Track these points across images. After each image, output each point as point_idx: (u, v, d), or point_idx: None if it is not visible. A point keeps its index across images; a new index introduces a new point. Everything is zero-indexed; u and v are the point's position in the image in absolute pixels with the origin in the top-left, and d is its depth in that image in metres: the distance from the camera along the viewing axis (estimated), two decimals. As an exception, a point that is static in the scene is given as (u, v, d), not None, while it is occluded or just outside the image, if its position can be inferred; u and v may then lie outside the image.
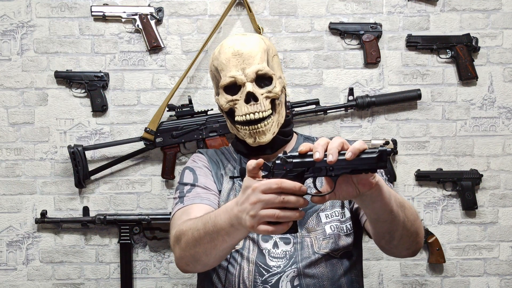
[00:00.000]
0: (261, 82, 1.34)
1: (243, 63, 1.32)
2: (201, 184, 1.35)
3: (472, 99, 1.97)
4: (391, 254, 1.27)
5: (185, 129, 1.90)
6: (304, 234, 1.29)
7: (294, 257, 1.26)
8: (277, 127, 1.37)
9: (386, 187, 1.06)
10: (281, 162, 0.99)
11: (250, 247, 1.28)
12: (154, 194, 1.96)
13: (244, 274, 1.26)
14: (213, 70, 1.40)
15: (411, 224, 1.14)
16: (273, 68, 1.37)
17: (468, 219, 1.97)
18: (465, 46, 1.93)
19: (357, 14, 1.97)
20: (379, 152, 0.96)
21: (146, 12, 1.93)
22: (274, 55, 1.41)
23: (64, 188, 1.96)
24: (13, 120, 1.95)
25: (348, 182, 1.02)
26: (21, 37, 1.95)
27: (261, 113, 1.33)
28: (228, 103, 1.36)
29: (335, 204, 1.33)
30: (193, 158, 1.47)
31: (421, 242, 1.22)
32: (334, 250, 1.28)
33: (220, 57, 1.35)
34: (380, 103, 1.92)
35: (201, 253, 1.14)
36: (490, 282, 1.97)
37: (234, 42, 1.35)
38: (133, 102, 1.96)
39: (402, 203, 1.12)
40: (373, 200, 1.05)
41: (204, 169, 1.41)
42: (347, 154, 0.95)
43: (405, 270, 1.97)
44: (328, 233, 1.29)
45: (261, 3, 1.96)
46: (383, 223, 1.11)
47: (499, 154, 1.97)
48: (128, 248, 1.92)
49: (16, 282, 1.95)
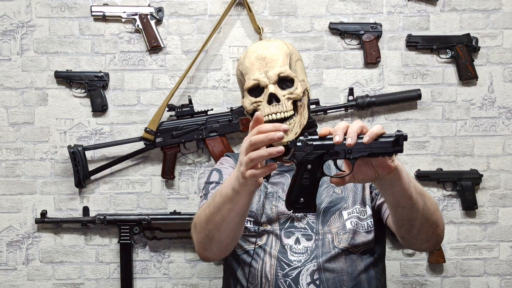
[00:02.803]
0: (283, 84, 1.41)
1: (266, 66, 1.40)
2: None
3: (472, 99, 1.97)
4: (411, 246, 1.29)
5: (185, 129, 1.90)
6: (326, 231, 1.32)
7: (315, 253, 1.29)
8: (299, 128, 1.41)
9: (405, 172, 1.09)
10: (302, 144, 1.04)
11: (273, 243, 1.32)
12: (154, 194, 1.96)
13: (266, 268, 1.29)
14: (239, 74, 1.48)
15: (431, 214, 1.16)
16: (296, 72, 1.43)
17: (468, 219, 1.97)
18: (465, 46, 1.93)
19: (357, 14, 1.97)
20: (396, 136, 1.00)
21: (146, 12, 1.93)
22: (298, 59, 1.47)
23: (64, 188, 1.96)
24: (13, 120, 1.95)
25: (367, 165, 1.05)
26: (21, 37, 1.95)
27: (283, 113, 1.38)
28: (252, 104, 1.42)
29: (356, 202, 1.36)
30: (221, 161, 1.53)
31: (441, 234, 1.24)
32: (354, 246, 1.30)
33: (244, 62, 1.44)
34: (380, 103, 1.92)
35: (213, 230, 1.17)
36: (490, 282, 1.97)
37: (257, 47, 1.44)
38: (133, 102, 1.96)
39: (421, 192, 1.14)
40: (392, 184, 1.07)
41: (230, 169, 1.46)
42: (365, 138, 0.99)
43: (405, 270, 1.97)
44: (348, 228, 1.32)
45: (261, 3, 1.96)
46: (402, 209, 1.13)
47: (499, 154, 1.97)
48: (128, 248, 1.92)
49: (16, 282, 1.95)
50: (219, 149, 1.89)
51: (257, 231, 1.33)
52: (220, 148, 1.89)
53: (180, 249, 1.96)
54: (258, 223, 1.34)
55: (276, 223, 1.34)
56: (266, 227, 1.34)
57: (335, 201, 1.35)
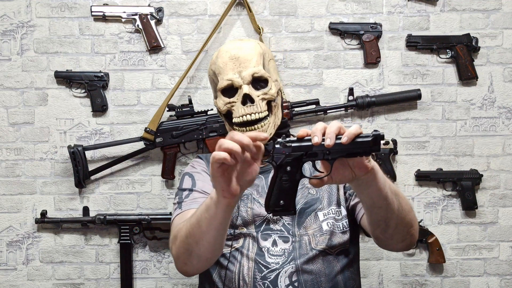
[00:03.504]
0: (257, 84, 1.39)
1: (240, 66, 1.37)
2: (198, 189, 1.38)
3: (472, 99, 1.97)
4: (386, 247, 1.28)
5: (185, 129, 1.90)
6: (302, 233, 1.32)
7: (292, 255, 1.29)
8: (274, 129, 1.40)
9: (381, 173, 1.09)
10: (280, 146, 1.04)
11: (250, 246, 1.31)
12: (154, 194, 1.96)
13: (244, 271, 1.29)
14: (211, 74, 1.45)
15: (405, 214, 1.17)
16: (269, 72, 1.41)
17: (468, 219, 1.97)
18: (465, 46, 1.93)
19: (357, 14, 1.97)
20: (373, 136, 1.01)
21: (146, 12, 1.93)
22: (270, 59, 1.45)
23: (64, 188, 1.96)
24: (13, 120, 1.95)
25: (345, 166, 1.05)
26: (21, 37, 1.95)
27: (257, 114, 1.36)
28: (225, 105, 1.40)
29: (331, 203, 1.36)
30: (192, 164, 1.50)
31: (415, 235, 1.23)
32: (331, 247, 1.31)
33: (217, 62, 1.40)
34: (380, 103, 1.92)
35: (192, 243, 1.16)
36: (490, 282, 1.97)
37: (230, 46, 1.41)
38: (133, 102, 1.96)
39: (396, 192, 1.14)
40: (368, 184, 1.08)
41: (203, 174, 1.43)
42: (343, 138, 1.00)
43: (405, 270, 1.97)
44: (324, 230, 1.32)
45: (261, 3, 1.96)
46: (378, 209, 1.13)
47: (499, 154, 1.97)
48: (128, 248, 1.92)
49: (16, 282, 1.95)
50: (219, 149, 1.89)
51: (233, 234, 1.32)
52: (220, 148, 1.89)
53: (180, 249, 1.96)
54: (233, 226, 1.33)
55: (252, 225, 1.33)
56: (242, 230, 1.33)
57: (310, 202, 1.35)
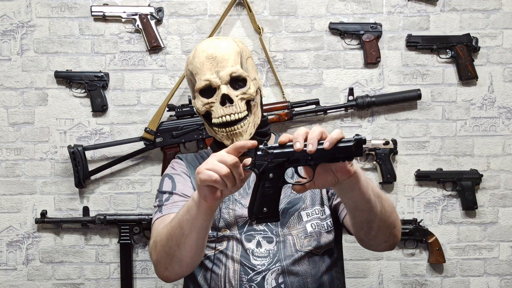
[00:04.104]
0: (235, 84, 1.36)
1: (217, 66, 1.34)
2: (178, 192, 1.36)
3: (472, 99, 1.97)
4: (370, 247, 1.28)
5: (185, 129, 1.90)
6: (286, 233, 1.31)
7: (277, 256, 1.28)
8: (254, 128, 1.39)
9: (364, 176, 1.09)
10: (263, 153, 1.03)
11: (234, 247, 1.30)
12: (154, 194, 1.96)
13: (230, 273, 1.28)
14: (189, 74, 1.42)
15: (388, 215, 1.17)
16: (247, 70, 1.39)
17: (468, 219, 1.97)
18: (465, 46, 1.93)
19: (357, 14, 1.97)
20: (355, 140, 1.00)
21: (146, 12, 1.93)
22: (248, 57, 1.42)
23: (64, 188, 1.96)
24: (13, 120, 1.95)
25: (327, 171, 1.05)
26: (21, 37, 1.95)
27: (236, 114, 1.34)
28: (204, 106, 1.37)
29: (315, 202, 1.36)
30: (172, 165, 1.48)
31: (398, 235, 1.24)
32: (317, 248, 1.31)
33: (194, 61, 1.37)
34: (380, 103, 1.92)
35: (173, 246, 1.15)
36: (490, 282, 1.97)
37: (207, 45, 1.37)
38: (133, 102, 1.96)
39: (379, 194, 1.15)
40: (351, 188, 1.08)
41: (183, 176, 1.42)
42: (325, 144, 0.99)
43: (405, 270, 1.97)
44: (309, 231, 1.31)
45: (261, 3, 1.96)
46: (361, 212, 1.14)
47: (499, 154, 1.97)
48: (128, 248, 1.92)
49: (16, 282, 1.95)
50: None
51: (216, 236, 1.31)
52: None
53: (180, 249, 1.96)
54: (216, 228, 1.32)
55: (235, 227, 1.32)
56: (225, 232, 1.32)
57: (293, 202, 1.34)
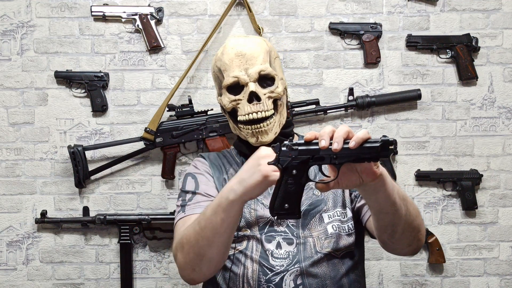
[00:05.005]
0: (263, 82, 1.36)
1: (246, 63, 1.34)
2: (202, 192, 1.36)
3: (472, 99, 1.97)
4: (393, 251, 1.27)
5: (185, 129, 1.90)
6: (307, 235, 1.30)
7: (297, 257, 1.27)
8: (279, 127, 1.39)
9: (389, 178, 1.08)
10: (287, 149, 1.02)
11: (254, 247, 1.30)
12: (154, 194, 1.96)
13: (248, 273, 1.27)
14: (216, 71, 1.41)
15: (413, 219, 1.16)
16: (275, 69, 1.39)
17: (468, 219, 1.97)
18: (465, 46, 1.93)
19: (357, 14, 1.97)
20: (382, 141, 0.99)
21: (146, 12, 1.93)
22: (276, 57, 1.43)
23: (64, 188, 1.96)
24: (13, 120, 1.95)
25: (352, 171, 1.04)
26: (21, 37, 1.95)
27: (263, 112, 1.34)
28: (231, 103, 1.37)
29: (336, 204, 1.34)
30: (195, 164, 1.47)
31: (422, 239, 1.23)
32: (336, 250, 1.29)
33: (223, 58, 1.37)
34: (380, 103, 1.92)
35: (204, 246, 1.16)
36: (490, 282, 1.97)
37: (237, 43, 1.37)
38: (133, 102, 1.96)
39: (404, 197, 1.13)
40: (376, 190, 1.06)
41: (206, 175, 1.42)
42: (351, 143, 0.98)
43: (405, 270, 1.97)
44: (330, 233, 1.30)
45: (261, 3, 1.96)
46: (385, 214, 1.12)
47: (499, 154, 1.97)
48: (128, 248, 1.92)
49: (16, 282, 1.95)
50: (219, 149, 1.89)
51: (236, 236, 1.30)
52: (220, 148, 1.89)
53: (180, 249, 1.96)
54: (236, 228, 1.30)
55: (256, 227, 1.32)
56: (246, 232, 1.32)
57: (315, 203, 1.33)
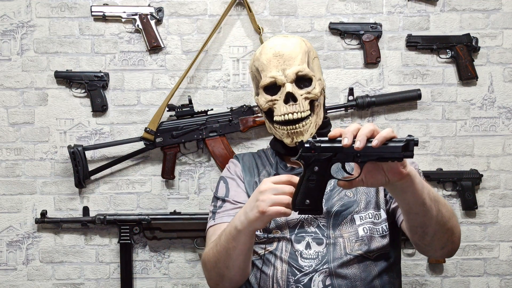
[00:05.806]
0: (300, 83, 1.36)
1: (284, 64, 1.34)
2: (231, 199, 1.39)
3: (472, 99, 1.97)
4: (426, 253, 1.26)
5: (185, 129, 1.90)
6: (337, 235, 1.29)
7: (326, 257, 1.26)
8: (315, 128, 1.38)
9: (419, 178, 1.07)
10: (310, 145, 1.02)
11: (283, 248, 1.30)
12: (154, 194, 1.96)
13: (278, 274, 1.28)
14: (254, 70, 1.42)
15: (445, 221, 1.14)
16: (313, 70, 1.39)
17: (468, 219, 1.97)
18: (465, 46, 1.93)
19: (357, 14, 1.97)
20: (406, 141, 0.98)
21: (146, 12, 1.93)
22: (315, 57, 1.43)
23: (64, 188, 1.95)
24: (13, 120, 1.95)
25: (378, 170, 1.03)
26: (21, 37, 1.95)
27: (299, 113, 1.34)
28: (267, 103, 1.38)
29: (369, 206, 1.33)
30: (229, 166, 1.50)
31: (457, 242, 1.21)
32: (368, 252, 1.28)
33: (261, 58, 1.38)
34: (380, 103, 1.92)
35: (223, 268, 1.22)
36: (490, 282, 1.97)
37: (275, 43, 1.38)
38: (133, 102, 1.96)
39: (436, 198, 1.11)
40: (404, 190, 1.05)
41: (237, 180, 1.43)
42: (374, 141, 0.98)
43: (405, 270, 1.97)
44: (360, 235, 1.29)
45: (261, 3, 1.96)
46: (415, 215, 1.11)
47: (499, 154, 1.97)
48: (128, 248, 1.92)
49: (16, 282, 1.95)
50: (219, 149, 1.89)
51: (267, 237, 1.31)
52: (220, 148, 1.89)
53: (180, 249, 1.96)
54: (266, 230, 1.31)
55: (286, 228, 1.31)
56: (276, 234, 1.31)
57: (346, 204, 1.32)
